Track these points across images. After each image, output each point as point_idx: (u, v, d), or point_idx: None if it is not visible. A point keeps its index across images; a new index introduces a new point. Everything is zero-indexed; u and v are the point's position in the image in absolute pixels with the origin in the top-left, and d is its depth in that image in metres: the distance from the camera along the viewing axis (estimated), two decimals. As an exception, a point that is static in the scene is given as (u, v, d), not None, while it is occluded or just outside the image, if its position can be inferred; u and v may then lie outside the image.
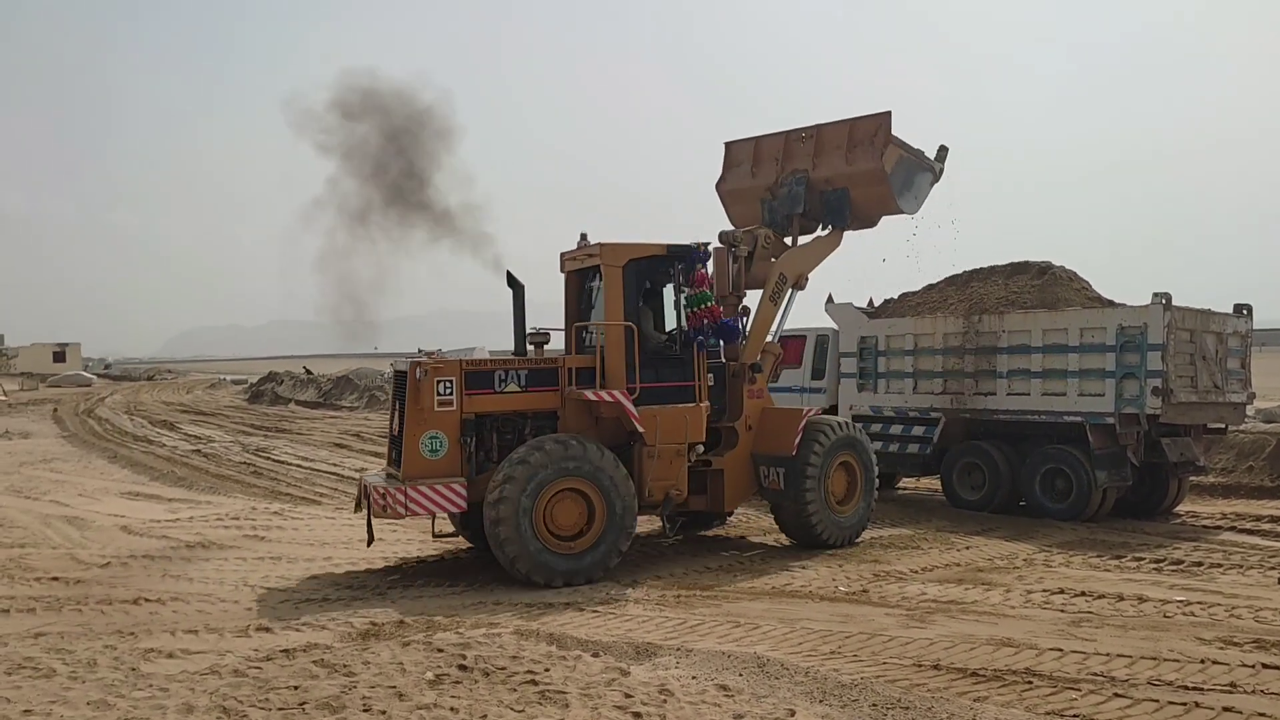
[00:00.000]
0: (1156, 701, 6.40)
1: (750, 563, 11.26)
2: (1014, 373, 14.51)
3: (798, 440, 11.59)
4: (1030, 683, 6.83)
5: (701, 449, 11.31)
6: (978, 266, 16.87)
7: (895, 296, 17.48)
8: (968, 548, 12.11)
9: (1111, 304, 14.56)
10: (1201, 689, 6.65)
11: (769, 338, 12.87)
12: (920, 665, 7.25)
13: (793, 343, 17.72)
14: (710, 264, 11.50)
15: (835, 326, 17.04)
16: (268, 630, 8.23)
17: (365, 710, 6.09)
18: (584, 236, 11.45)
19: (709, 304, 11.02)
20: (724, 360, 12.15)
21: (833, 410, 16.79)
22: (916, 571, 10.75)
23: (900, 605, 9.18)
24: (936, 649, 7.65)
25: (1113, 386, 13.46)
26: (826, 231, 13.41)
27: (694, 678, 6.73)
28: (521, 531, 9.71)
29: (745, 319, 12.50)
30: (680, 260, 11.00)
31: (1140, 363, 13.25)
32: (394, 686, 6.49)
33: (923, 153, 13.49)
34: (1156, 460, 13.91)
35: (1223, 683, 6.78)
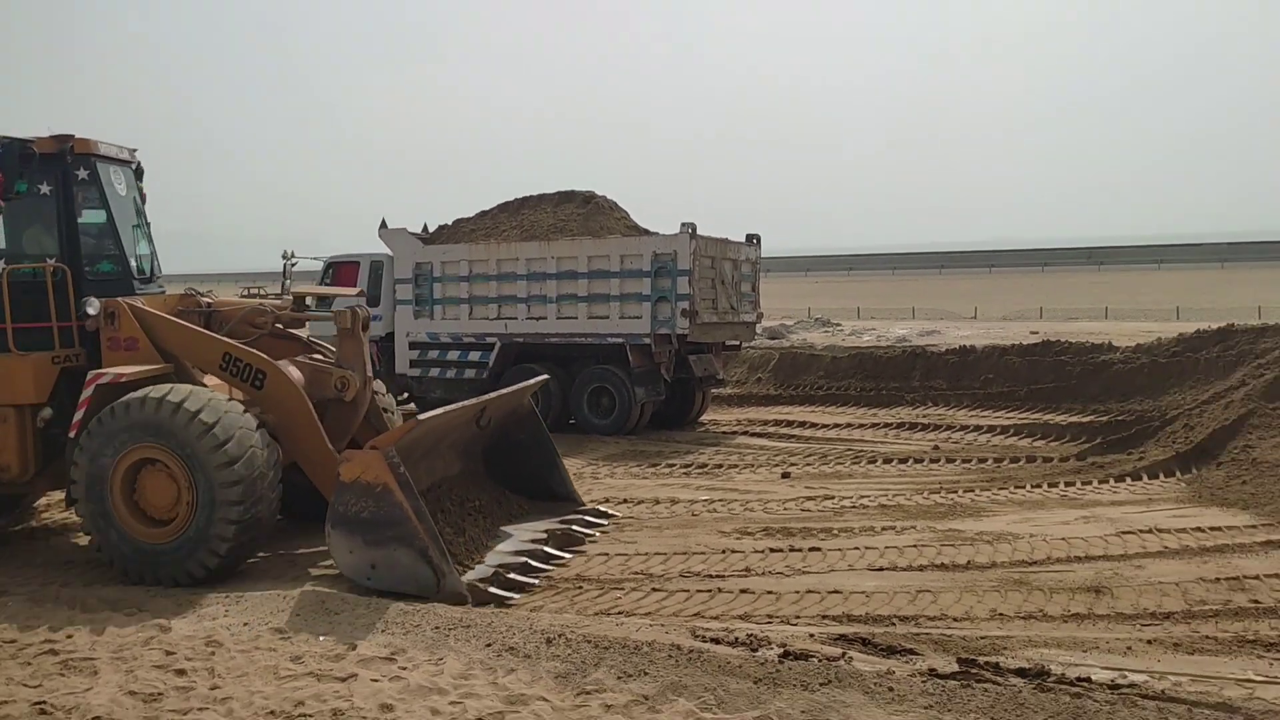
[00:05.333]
0: (687, 591, 7.16)
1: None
2: (563, 298, 15.23)
3: (78, 416, 7.69)
4: (581, 587, 7.33)
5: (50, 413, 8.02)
6: (528, 194, 17.39)
7: (450, 222, 17.51)
8: (523, 466, 12.62)
9: (647, 233, 15.75)
10: (723, 576, 7.55)
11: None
12: (480, 583, 7.45)
13: (346, 268, 17.16)
14: None
15: (389, 252, 16.71)
16: None
17: None
18: None
19: None
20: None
21: (389, 339, 16.57)
22: (475, 493, 10.98)
23: (460, 527, 9.34)
24: (495, 566, 7.90)
25: (649, 309, 14.64)
26: None
27: (245, 624, 6.34)
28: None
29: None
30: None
31: (671, 287, 14.52)
32: None
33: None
34: (684, 376, 15.43)
35: (739, 569, 7.74)
